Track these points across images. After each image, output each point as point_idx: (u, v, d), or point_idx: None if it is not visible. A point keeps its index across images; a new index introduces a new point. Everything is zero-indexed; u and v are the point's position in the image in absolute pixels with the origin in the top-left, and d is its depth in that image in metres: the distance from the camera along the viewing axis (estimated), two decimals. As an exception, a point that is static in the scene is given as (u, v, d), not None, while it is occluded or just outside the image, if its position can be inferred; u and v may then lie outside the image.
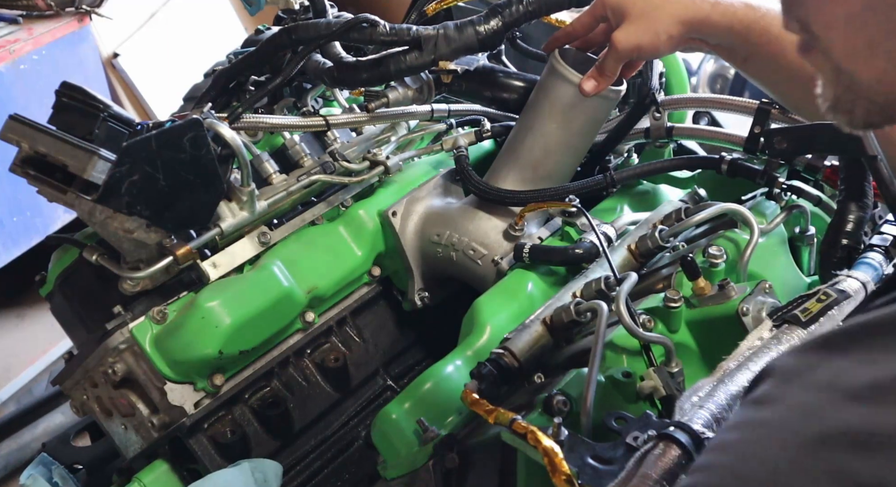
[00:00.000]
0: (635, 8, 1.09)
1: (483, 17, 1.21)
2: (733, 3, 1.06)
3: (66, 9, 2.79)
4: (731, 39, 1.07)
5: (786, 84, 1.07)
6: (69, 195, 0.99)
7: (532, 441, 0.76)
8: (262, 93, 1.30)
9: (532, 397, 0.90)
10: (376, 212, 1.27)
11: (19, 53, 2.60)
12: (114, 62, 3.22)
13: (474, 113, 1.44)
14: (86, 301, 1.19)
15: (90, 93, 1.05)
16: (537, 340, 1.00)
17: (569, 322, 0.99)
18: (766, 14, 1.05)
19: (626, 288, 0.96)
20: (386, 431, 0.99)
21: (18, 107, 1.90)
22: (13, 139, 0.99)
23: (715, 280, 0.97)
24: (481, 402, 0.88)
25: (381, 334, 1.31)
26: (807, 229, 1.19)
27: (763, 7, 1.05)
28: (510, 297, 1.13)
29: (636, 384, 0.88)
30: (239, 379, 1.16)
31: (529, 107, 1.29)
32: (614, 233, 1.20)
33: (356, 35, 1.22)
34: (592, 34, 1.19)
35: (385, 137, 1.37)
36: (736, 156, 1.25)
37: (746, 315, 0.91)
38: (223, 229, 1.13)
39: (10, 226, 2.64)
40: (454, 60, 1.26)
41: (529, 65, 1.56)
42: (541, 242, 1.23)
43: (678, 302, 0.97)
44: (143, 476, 1.12)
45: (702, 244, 1.09)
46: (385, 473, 0.98)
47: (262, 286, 1.13)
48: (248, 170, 1.12)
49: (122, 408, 1.15)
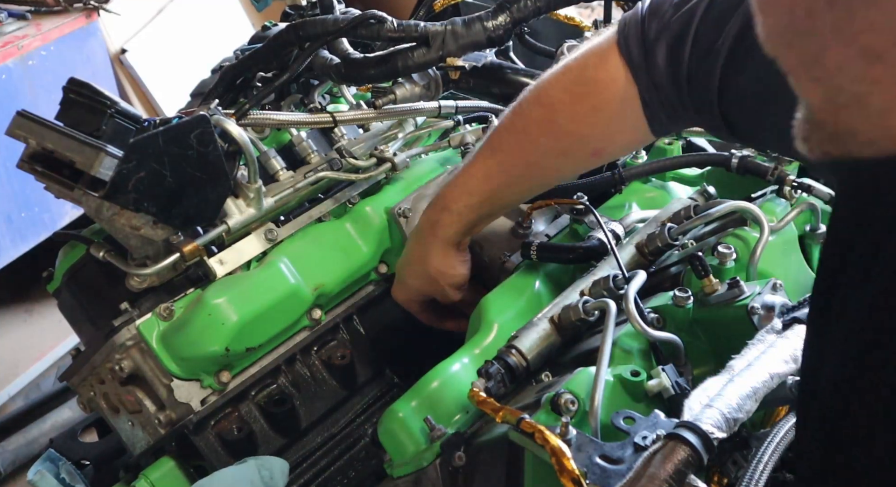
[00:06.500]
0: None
1: (491, 12, 1.20)
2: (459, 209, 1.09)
3: (74, 4, 2.80)
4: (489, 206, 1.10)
5: (540, 176, 1.10)
6: (76, 191, 0.99)
7: (540, 440, 0.75)
8: (269, 89, 1.30)
9: (539, 396, 0.90)
10: (383, 209, 1.27)
11: (27, 49, 2.61)
12: (121, 58, 3.22)
13: (482, 109, 1.43)
14: (93, 297, 1.19)
15: (97, 89, 1.05)
16: (545, 338, 0.99)
17: (577, 320, 0.99)
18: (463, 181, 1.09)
19: (635, 287, 0.96)
20: (392, 429, 0.98)
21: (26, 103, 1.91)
22: (21, 135, 0.99)
23: (724, 278, 0.97)
24: (488, 401, 0.87)
25: (388, 332, 1.30)
26: (818, 227, 1.18)
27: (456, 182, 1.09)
28: (517, 295, 1.12)
29: (644, 383, 0.87)
30: (245, 377, 1.16)
31: (537, 104, 1.28)
32: (622, 230, 1.20)
33: (364, 31, 1.22)
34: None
35: (392, 134, 1.37)
36: (746, 154, 1.24)
37: (756, 313, 0.91)
38: (230, 226, 1.13)
39: (18, 221, 2.65)
40: (462, 57, 1.26)
41: (538, 61, 1.56)
42: (548, 240, 1.23)
43: (687, 300, 0.96)
44: (150, 472, 1.12)
45: (711, 242, 1.08)
46: (391, 471, 0.98)
47: (269, 283, 1.13)
48: (255, 167, 1.12)
49: (129, 405, 1.15)
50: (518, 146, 1.03)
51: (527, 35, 1.57)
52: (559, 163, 1.06)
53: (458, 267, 1.14)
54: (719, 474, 0.79)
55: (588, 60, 0.97)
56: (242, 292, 1.10)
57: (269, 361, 1.18)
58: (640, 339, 0.94)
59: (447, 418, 0.98)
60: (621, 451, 0.73)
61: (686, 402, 0.74)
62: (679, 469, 0.67)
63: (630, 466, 0.70)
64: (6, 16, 2.68)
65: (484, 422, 0.95)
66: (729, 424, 0.71)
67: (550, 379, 1.00)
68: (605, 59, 0.95)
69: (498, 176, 1.05)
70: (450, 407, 0.99)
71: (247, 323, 1.09)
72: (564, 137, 1.00)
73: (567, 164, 1.08)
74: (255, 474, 1.03)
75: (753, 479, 0.70)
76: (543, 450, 0.74)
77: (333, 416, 1.24)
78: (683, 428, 0.70)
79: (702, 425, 0.70)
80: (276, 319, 1.14)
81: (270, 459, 1.08)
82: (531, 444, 0.77)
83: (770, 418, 0.90)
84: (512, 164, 1.04)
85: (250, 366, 1.17)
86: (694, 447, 0.68)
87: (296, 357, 1.21)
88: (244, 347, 1.11)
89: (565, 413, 0.78)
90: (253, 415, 1.17)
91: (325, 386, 1.23)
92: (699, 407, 0.73)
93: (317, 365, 1.23)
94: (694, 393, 0.75)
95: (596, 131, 0.99)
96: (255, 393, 1.18)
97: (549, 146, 1.02)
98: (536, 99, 1.01)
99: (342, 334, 1.26)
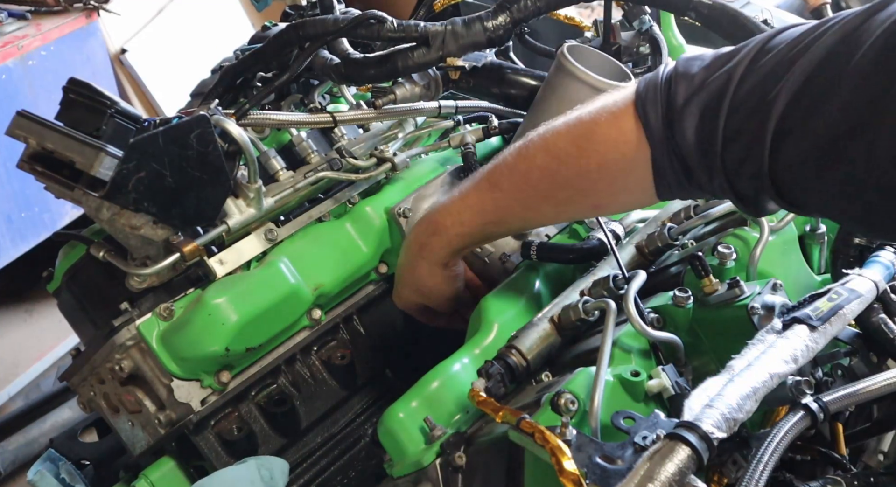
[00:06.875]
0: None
1: (491, 12, 1.20)
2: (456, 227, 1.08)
3: (74, 4, 2.80)
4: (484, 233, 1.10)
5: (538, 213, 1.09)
6: (76, 191, 0.99)
7: (540, 440, 0.75)
8: (269, 89, 1.30)
9: (539, 396, 0.90)
10: (383, 209, 1.27)
11: (27, 49, 2.61)
12: (121, 58, 3.23)
13: (482, 109, 1.43)
14: (93, 297, 1.19)
15: (97, 89, 1.05)
16: (545, 338, 0.99)
17: (577, 320, 0.99)
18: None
19: (635, 287, 0.96)
20: (392, 429, 0.98)
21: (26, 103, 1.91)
22: (21, 135, 0.99)
23: (724, 278, 0.97)
24: (489, 401, 0.87)
25: (388, 332, 1.30)
26: (817, 227, 1.18)
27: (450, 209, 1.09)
28: (517, 295, 1.12)
29: (644, 383, 0.87)
30: (245, 377, 1.16)
31: (537, 104, 1.28)
32: (622, 230, 1.20)
33: (364, 31, 1.22)
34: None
35: (392, 134, 1.37)
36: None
37: (756, 313, 0.91)
38: (230, 226, 1.13)
39: (18, 221, 2.65)
40: (462, 57, 1.26)
41: (538, 61, 1.56)
42: (548, 240, 1.23)
43: (687, 300, 0.96)
44: (150, 472, 1.12)
45: (711, 242, 1.08)
46: (391, 471, 0.98)
47: (269, 283, 1.13)
48: (255, 167, 1.12)
49: (129, 405, 1.15)
50: (517, 189, 1.02)
51: (527, 35, 1.57)
52: (556, 211, 1.06)
53: (446, 285, 1.15)
54: (719, 474, 0.80)
55: (601, 117, 0.95)
56: (242, 292, 1.10)
57: (269, 361, 1.18)
58: (640, 339, 0.94)
59: (447, 418, 0.98)
60: (621, 451, 0.73)
61: (686, 402, 0.74)
62: (679, 469, 0.67)
63: (630, 466, 0.70)
64: (6, 16, 2.68)
65: (484, 422, 0.95)
66: (729, 424, 0.71)
67: (550, 379, 1.00)
68: (619, 119, 0.93)
69: (493, 212, 1.05)
70: (450, 407, 0.99)
71: (247, 323, 1.09)
72: (566, 188, 1.00)
73: (563, 213, 1.08)
74: (255, 474, 1.03)
75: (753, 479, 0.70)
76: (543, 450, 0.74)
77: (333, 416, 1.24)
78: (683, 428, 0.70)
79: (702, 425, 0.70)
80: (276, 319, 1.14)
81: (270, 459, 1.08)
82: (531, 444, 0.77)
83: (770, 418, 0.90)
84: (508, 205, 1.04)
85: (250, 366, 1.17)
86: (694, 447, 0.68)
87: (296, 357, 1.21)
88: (244, 347, 1.11)
89: (565, 414, 0.78)
90: (253, 415, 1.17)
91: (325, 386, 1.23)
92: (699, 407, 0.73)
93: (317, 365, 1.23)
94: (694, 393, 0.75)
95: (599, 187, 0.98)
96: (255, 393, 1.18)
97: (549, 194, 1.01)
98: (543, 145, 1.00)
99: (342, 334, 1.26)
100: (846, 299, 0.87)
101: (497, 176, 1.04)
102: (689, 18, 1.21)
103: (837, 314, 0.85)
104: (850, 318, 0.87)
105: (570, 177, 0.98)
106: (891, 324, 0.91)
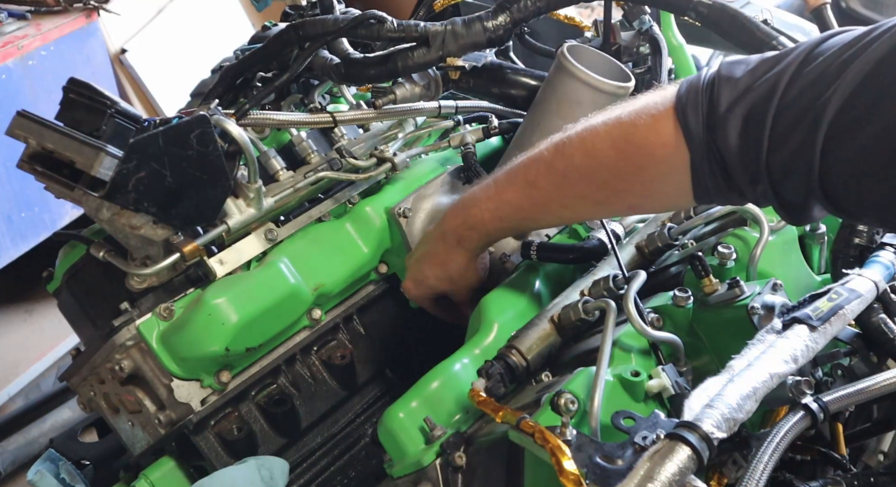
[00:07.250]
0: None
1: (491, 12, 1.20)
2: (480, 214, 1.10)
3: (74, 4, 2.80)
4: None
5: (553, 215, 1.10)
6: (76, 191, 0.99)
7: (539, 440, 0.75)
8: (269, 89, 1.30)
9: (539, 396, 0.90)
10: (383, 209, 1.27)
11: (27, 49, 2.61)
12: (121, 58, 3.22)
13: (482, 109, 1.43)
14: (93, 297, 1.19)
15: (97, 89, 1.05)
16: (545, 338, 0.99)
17: (577, 320, 0.99)
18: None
19: (635, 287, 0.96)
20: (392, 429, 0.98)
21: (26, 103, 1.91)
22: (21, 135, 0.99)
23: (724, 278, 0.97)
24: (489, 401, 0.87)
25: (388, 332, 1.30)
26: (817, 227, 1.18)
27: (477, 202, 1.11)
28: (518, 295, 1.12)
29: (644, 383, 0.87)
30: (245, 376, 1.16)
31: (537, 104, 1.28)
32: (623, 230, 1.20)
33: (364, 31, 1.22)
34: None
35: (392, 134, 1.37)
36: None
37: (756, 313, 0.91)
38: (230, 226, 1.13)
39: (18, 221, 2.65)
40: (462, 57, 1.26)
41: (538, 61, 1.56)
42: (549, 240, 1.23)
43: (687, 300, 0.96)
44: (150, 472, 1.12)
45: (711, 242, 1.08)
46: (391, 471, 0.98)
47: (269, 283, 1.13)
48: (255, 167, 1.12)
49: (129, 405, 1.15)
50: (555, 187, 1.03)
51: (527, 35, 1.57)
52: (592, 210, 1.07)
53: (478, 272, 1.19)
54: (719, 474, 0.80)
55: (640, 119, 0.94)
56: (242, 292, 1.10)
57: (269, 361, 1.18)
58: (640, 339, 0.94)
59: (447, 418, 0.98)
60: (621, 451, 0.73)
61: (686, 402, 0.74)
62: (679, 469, 0.67)
63: (630, 466, 0.70)
64: (6, 16, 2.68)
65: (484, 422, 0.95)
66: (729, 424, 0.71)
67: (550, 379, 1.00)
68: (659, 121, 0.93)
69: (530, 209, 1.07)
70: (450, 407, 0.99)
71: (247, 323, 1.09)
72: (603, 189, 1.00)
73: (599, 212, 1.10)
74: (255, 474, 1.03)
75: (753, 479, 0.70)
76: (543, 450, 0.74)
77: (333, 416, 1.24)
78: (683, 428, 0.70)
79: (702, 425, 0.70)
80: (276, 319, 1.14)
81: (270, 459, 1.08)
82: (531, 444, 0.77)
83: (770, 418, 0.90)
84: (545, 203, 1.05)
85: (250, 366, 1.17)
86: (694, 447, 0.68)
87: (296, 357, 1.21)
88: (244, 347, 1.11)
89: (565, 414, 0.78)
90: (253, 415, 1.17)
91: (325, 386, 1.23)
92: (699, 407, 0.73)
93: (317, 365, 1.23)
94: (694, 393, 0.75)
95: (636, 188, 0.98)
96: (255, 393, 1.18)
97: (587, 194, 1.02)
98: (581, 145, 1.00)
99: (342, 334, 1.26)
100: (846, 299, 0.87)
101: (535, 173, 1.04)
102: (688, 18, 1.21)
103: (837, 314, 0.85)
104: (850, 318, 0.87)
105: (608, 179, 0.98)
106: (891, 324, 0.91)
